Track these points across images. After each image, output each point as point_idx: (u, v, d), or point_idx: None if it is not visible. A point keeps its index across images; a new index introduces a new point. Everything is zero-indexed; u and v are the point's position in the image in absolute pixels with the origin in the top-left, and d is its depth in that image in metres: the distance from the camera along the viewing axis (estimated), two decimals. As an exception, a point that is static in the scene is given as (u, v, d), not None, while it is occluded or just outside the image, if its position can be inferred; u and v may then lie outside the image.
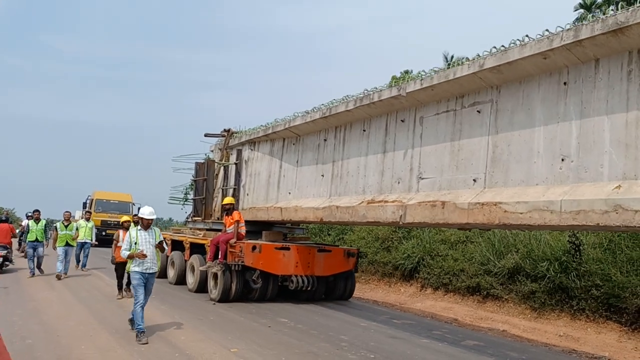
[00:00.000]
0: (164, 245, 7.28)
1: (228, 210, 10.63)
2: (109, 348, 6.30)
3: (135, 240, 7.01)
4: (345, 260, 11.22)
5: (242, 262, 9.99)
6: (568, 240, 10.45)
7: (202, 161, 13.82)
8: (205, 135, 14.27)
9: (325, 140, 10.15)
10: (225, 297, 10.20)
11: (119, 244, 10.24)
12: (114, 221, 32.12)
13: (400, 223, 7.59)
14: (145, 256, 6.87)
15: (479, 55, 6.68)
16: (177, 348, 6.47)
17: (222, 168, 13.55)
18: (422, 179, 7.66)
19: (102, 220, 30.60)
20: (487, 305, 11.46)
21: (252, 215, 11.86)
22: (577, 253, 10.19)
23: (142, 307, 6.91)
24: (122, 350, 6.23)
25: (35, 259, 13.30)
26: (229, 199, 10.80)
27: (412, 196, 7.64)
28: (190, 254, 12.26)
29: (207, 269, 10.49)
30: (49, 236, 14.32)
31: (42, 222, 13.59)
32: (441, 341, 8.11)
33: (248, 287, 10.49)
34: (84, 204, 34.31)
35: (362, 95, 8.78)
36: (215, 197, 13.20)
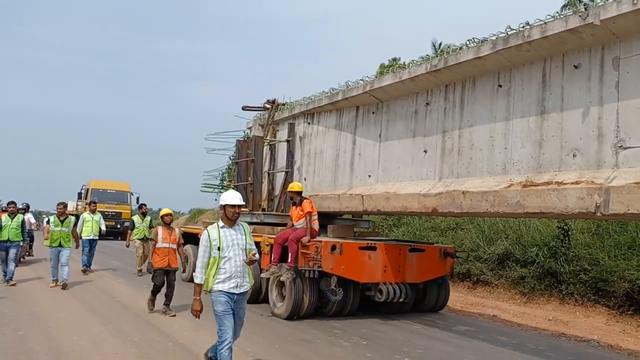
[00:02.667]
0: (256, 254, 4.70)
1: (296, 199, 8.07)
2: (101, 339, 6.23)
3: (219, 245, 4.48)
4: (441, 261, 8.73)
5: (319, 266, 7.47)
6: (557, 226, 10.43)
7: (246, 138, 11.24)
8: (244, 109, 11.67)
9: (427, 104, 7.61)
10: (294, 313, 7.70)
11: (158, 245, 7.72)
12: (111, 212, 29.38)
13: (598, 214, 5.09)
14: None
15: None
16: (170, 337, 6.43)
17: (267, 147, 10.99)
18: (626, 148, 5.15)
19: (99, 211, 27.81)
20: (478, 290, 11.55)
21: (315, 205, 9.35)
22: (566, 238, 10.24)
23: (231, 348, 4.40)
24: (115, 340, 6.17)
25: (10, 264, 10.36)
26: (296, 185, 8.22)
27: (613, 174, 5.13)
28: (234, 255, 9.73)
29: (271, 276, 7.95)
30: (26, 236, 11.44)
31: (19, 218, 10.66)
32: (432, 327, 8.01)
33: (323, 300, 8.00)
34: (79, 194, 31.47)
35: (504, 35, 6.23)
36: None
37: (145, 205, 13.00)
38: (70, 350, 5.67)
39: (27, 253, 13.80)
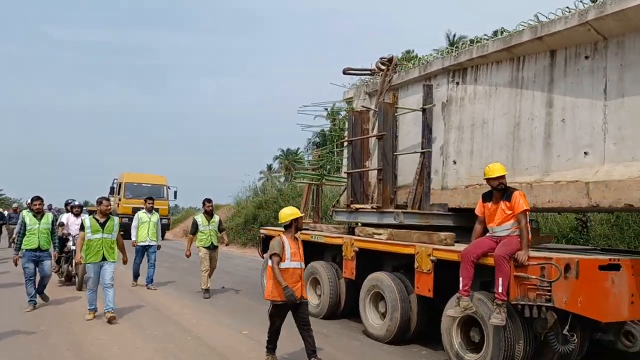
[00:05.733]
0: None
1: (498, 190, 5.12)
2: (120, 333, 6.35)
3: None
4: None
5: (549, 300, 4.56)
6: (575, 217, 10.10)
7: (351, 110, 8.38)
8: (345, 73, 8.79)
9: None
10: (502, 372, 4.81)
11: (284, 265, 4.92)
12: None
13: None
14: None
15: None
16: (189, 331, 6.55)
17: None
18: None
19: (133, 208, 25.15)
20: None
21: (472, 200, 6.50)
22: (585, 230, 10.03)
23: None
24: (134, 335, 6.27)
25: (37, 279, 7.89)
26: (498, 168, 5.22)
27: None
28: (357, 270, 6.90)
29: (462, 313, 5.02)
30: (57, 241, 8.35)
31: (48, 218, 8.03)
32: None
33: (542, 349, 5.08)
34: (112, 189, 28.91)
35: None
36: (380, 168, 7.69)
37: (210, 200, 9.71)
38: (91, 345, 5.80)
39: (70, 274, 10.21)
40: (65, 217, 10.06)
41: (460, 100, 7.08)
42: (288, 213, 5.13)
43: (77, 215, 9.82)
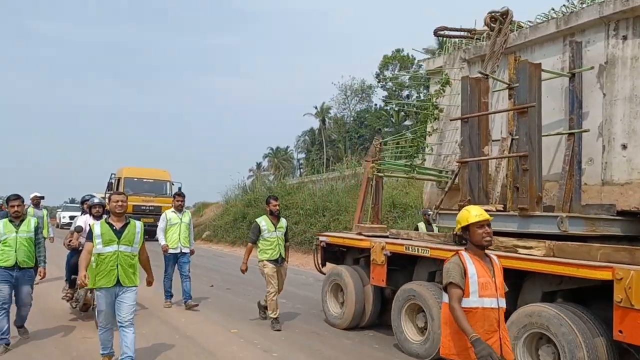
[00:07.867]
0: None
1: None
2: None
3: None
4: None
5: None
6: None
7: (444, 83, 6.39)
8: (437, 34, 6.84)
9: None
10: None
11: (466, 302, 3.20)
12: (149, 206, 24.61)
13: None
14: None
15: None
16: (177, 329, 6.50)
17: (492, 94, 6.14)
18: None
19: (133, 206, 22.98)
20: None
21: None
22: None
23: None
24: None
25: (22, 308, 5.97)
26: None
27: None
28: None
29: None
30: (43, 255, 5.96)
31: (30, 223, 5.90)
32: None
33: None
34: (109, 185, 26.43)
35: None
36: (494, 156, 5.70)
37: (277, 198, 7.23)
38: (80, 345, 5.77)
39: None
40: (83, 220, 7.36)
41: (631, 61, 5.11)
42: (468, 217, 3.22)
43: (97, 217, 7.09)
